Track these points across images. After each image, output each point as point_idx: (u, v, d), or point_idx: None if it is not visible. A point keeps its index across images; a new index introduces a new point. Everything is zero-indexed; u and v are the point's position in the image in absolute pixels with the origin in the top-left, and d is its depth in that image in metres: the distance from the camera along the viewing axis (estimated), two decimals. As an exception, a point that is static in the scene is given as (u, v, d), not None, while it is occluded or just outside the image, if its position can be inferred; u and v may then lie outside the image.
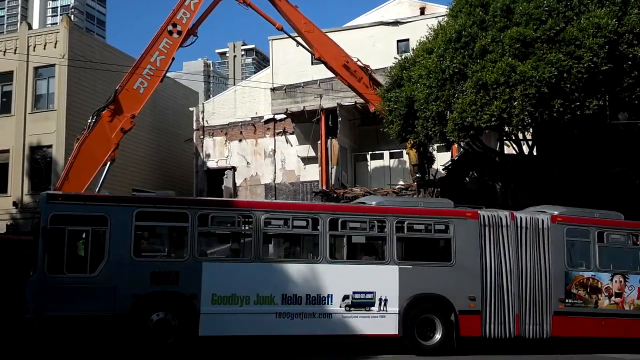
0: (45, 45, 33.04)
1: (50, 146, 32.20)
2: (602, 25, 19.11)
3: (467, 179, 27.15)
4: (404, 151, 28.80)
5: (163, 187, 37.13)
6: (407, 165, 29.99)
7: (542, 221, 17.00)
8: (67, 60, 31.83)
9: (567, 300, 16.70)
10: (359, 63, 27.00)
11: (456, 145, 27.42)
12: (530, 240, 16.75)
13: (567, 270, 16.92)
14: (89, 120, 23.87)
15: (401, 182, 30.92)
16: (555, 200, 23.71)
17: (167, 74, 27.14)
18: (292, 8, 26.51)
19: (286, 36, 28.77)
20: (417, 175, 27.67)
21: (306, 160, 34.20)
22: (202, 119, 37.27)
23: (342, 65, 26.60)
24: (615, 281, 17.28)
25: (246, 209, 15.71)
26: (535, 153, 24.86)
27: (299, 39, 27.54)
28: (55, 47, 32.75)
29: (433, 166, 28.50)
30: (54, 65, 32.33)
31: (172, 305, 14.39)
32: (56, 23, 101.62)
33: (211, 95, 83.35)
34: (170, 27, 24.64)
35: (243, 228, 15.61)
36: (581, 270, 17.17)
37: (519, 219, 16.89)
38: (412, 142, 25.41)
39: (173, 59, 24.83)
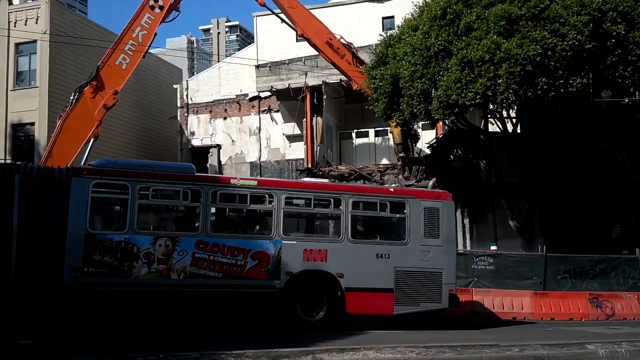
0: (26, 21, 32.56)
1: (33, 124, 31.88)
2: (586, 3, 19.24)
3: (451, 156, 27.31)
4: (388, 129, 28.80)
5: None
6: (392, 143, 30.10)
7: (59, 174, 13.74)
8: (48, 36, 31.43)
9: (85, 269, 13.49)
10: (342, 40, 26.90)
11: (441, 123, 27.52)
12: (38, 197, 13.40)
13: (89, 232, 13.66)
14: (71, 97, 23.69)
15: (385, 161, 30.99)
16: (539, 177, 23.97)
17: (150, 51, 26.92)
18: None
19: (271, 13, 28.58)
20: (401, 154, 27.74)
21: (291, 138, 34.13)
22: (186, 96, 37.02)
23: (325, 42, 26.47)
24: (160, 245, 14.08)
25: None
26: (519, 131, 25.00)
27: (282, 15, 27.37)
28: (36, 23, 32.29)
29: (417, 144, 28.56)
30: (35, 41, 31.87)
31: None
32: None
33: (195, 72, 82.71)
34: (152, 2, 24.44)
35: None
36: (111, 232, 14.19)
37: (27, 172, 13.49)
38: (396, 121, 25.44)
39: (155, 34, 24.63)
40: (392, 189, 17.00)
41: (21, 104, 32.04)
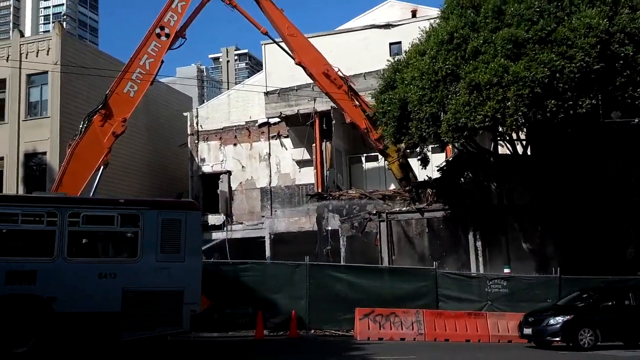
0: (37, 53, 32.98)
1: (45, 153, 32.14)
2: (593, 25, 19.24)
3: (462, 179, 27.21)
4: (387, 166, 28.39)
5: (158, 192, 37.27)
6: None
7: None
8: (59, 67, 31.77)
9: None
10: (339, 73, 26.91)
11: (450, 146, 27.49)
12: None
13: None
14: (81, 126, 23.86)
15: (394, 184, 30.90)
16: (551, 199, 23.85)
17: (161, 80, 27.17)
18: (277, 10, 26.56)
19: (279, 37, 28.78)
20: (407, 187, 27.60)
21: (301, 164, 34.19)
22: (196, 123, 37.25)
23: (322, 73, 26.49)
24: None
25: None
26: (529, 153, 24.93)
27: (283, 44, 27.50)
28: (47, 55, 32.68)
29: (427, 167, 28.47)
30: (46, 72, 32.27)
31: None
32: (48, 30, 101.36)
33: (205, 100, 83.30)
34: (158, 30, 24.68)
35: None
36: None
37: None
38: (391, 160, 25.60)
39: (162, 61, 24.84)
40: (122, 200, 15.46)
41: (33, 133, 32.33)
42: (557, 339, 17.95)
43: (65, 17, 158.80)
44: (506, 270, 22.64)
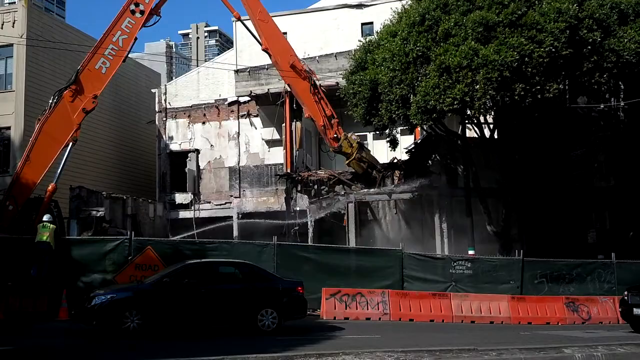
0: (2, 25, 32.21)
1: (9, 128, 31.52)
2: (563, 10, 19.48)
3: (429, 161, 27.45)
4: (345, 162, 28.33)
5: (125, 170, 36.94)
6: (372, 150, 30.31)
7: None
8: (25, 40, 31.11)
9: None
10: (305, 67, 26.73)
11: (419, 129, 27.65)
12: None
13: None
14: (50, 101, 23.45)
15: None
16: (516, 182, 24.19)
17: (129, 55, 26.71)
18: None
19: (249, 18, 28.49)
20: (361, 187, 27.59)
21: (270, 143, 34.10)
22: (165, 100, 36.82)
23: (288, 63, 26.20)
24: None
25: None
26: (496, 136, 25.22)
27: (251, 27, 27.09)
28: (13, 27, 31.94)
29: (396, 149, 28.61)
30: (11, 45, 31.53)
31: None
32: (14, 2, 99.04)
33: (174, 77, 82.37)
34: (132, 7, 24.24)
35: None
36: None
37: None
38: (349, 157, 25.69)
39: (136, 38, 24.47)
40: None
41: (-3, 108, 31.66)
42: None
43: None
44: (470, 252, 22.95)
